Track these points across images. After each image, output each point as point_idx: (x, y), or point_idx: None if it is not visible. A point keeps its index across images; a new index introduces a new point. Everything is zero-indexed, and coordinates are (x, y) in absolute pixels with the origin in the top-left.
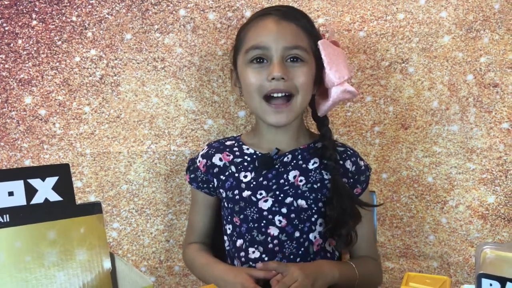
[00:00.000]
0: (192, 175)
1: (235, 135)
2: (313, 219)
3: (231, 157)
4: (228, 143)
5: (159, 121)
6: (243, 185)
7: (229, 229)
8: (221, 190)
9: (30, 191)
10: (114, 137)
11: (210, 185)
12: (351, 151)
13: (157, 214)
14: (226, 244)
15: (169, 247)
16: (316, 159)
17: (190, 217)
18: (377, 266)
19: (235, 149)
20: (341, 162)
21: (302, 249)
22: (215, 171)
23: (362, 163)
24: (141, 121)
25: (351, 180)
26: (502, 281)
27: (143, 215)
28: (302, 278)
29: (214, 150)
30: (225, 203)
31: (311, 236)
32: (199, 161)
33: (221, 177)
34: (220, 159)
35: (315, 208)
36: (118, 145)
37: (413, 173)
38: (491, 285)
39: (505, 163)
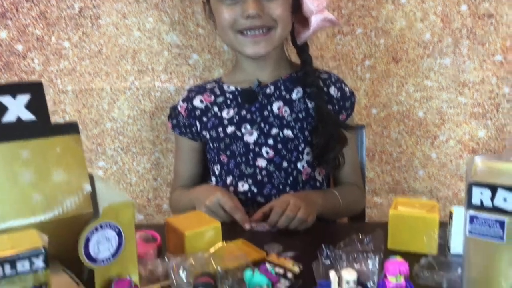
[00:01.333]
0: (174, 121)
1: (215, 78)
2: (300, 148)
3: (212, 98)
4: (208, 86)
5: (142, 56)
6: (225, 122)
7: (217, 169)
8: (204, 132)
9: (0, 109)
10: (96, 73)
11: (193, 129)
12: (336, 77)
13: (143, 152)
14: (214, 184)
15: (156, 185)
16: (299, 88)
17: (175, 165)
18: (360, 193)
19: (216, 90)
20: (325, 89)
21: (291, 178)
22: (197, 113)
23: (347, 89)
24: (123, 56)
25: (336, 107)
26: (493, 188)
27: (129, 154)
28: (294, 200)
29: (194, 93)
30: (211, 145)
31: (299, 165)
32: (180, 106)
33: (204, 119)
34: (201, 101)
35: (302, 138)
36: (100, 82)
37: (403, 108)
38: (482, 193)
39: (497, 96)
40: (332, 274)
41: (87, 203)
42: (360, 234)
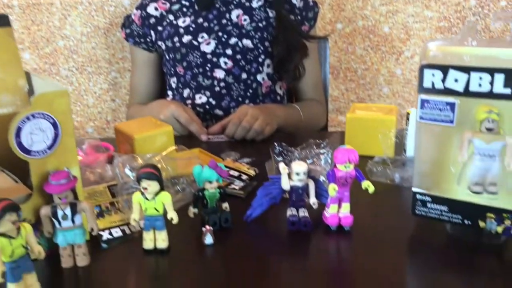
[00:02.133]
0: (128, 30)
1: None
2: (260, 59)
3: (168, 5)
4: None
5: None
6: (181, 31)
7: (174, 82)
8: (160, 43)
9: None
10: None
11: (148, 39)
12: None
13: (99, 72)
14: (171, 99)
15: (115, 106)
16: None
17: (131, 80)
18: (322, 109)
19: None
20: None
21: (251, 91)
22: (151, 22)
23: None
24: None
25: (299, 17)
26: (444, 69)
27: (85, 73)
28: (252, 111)
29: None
30: (167, 56)
31: (259, 77)
32: (133, 14)
33: (159, 28)
34: (156, 8)
35: (262, 48)
36: None
37: (369, 23)
38: (433, 75)
39: (463, 9)
40: (282, 166)
41: (24, 100)
42: (317, 140)
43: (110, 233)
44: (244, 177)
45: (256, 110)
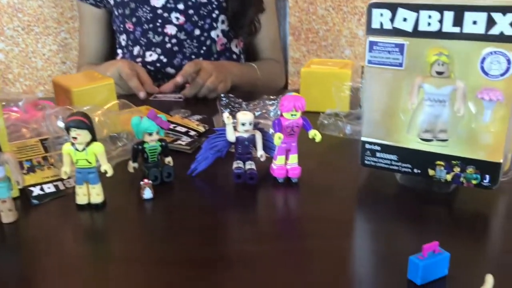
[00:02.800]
0: None
1: None
2: (214, 15)
3: None
4: None
5: None
6: None
7: (124, 39)
8: None
9: None
10: None
11: None
12: None
13: (47, 32)
14: (121, 58)
15: (66, 69)
16: None
17: (80, 39)
18: (280, 69)
19: None
20: None
21: (204, 48)
22: None
23: None
24: None
25: None
26: (393, 8)
27: (32, 34)
28: (206, 65)
29: None
30: (115, 11)
31: (213, 34)
32: None
33: None
34: None
35: (216, 3)
36: None
37: None
38: (381, 15)
39: None
40: (226, 115)
41: None
42: (270, 96)
43: (42, 189)
44: (192, 133)
45: (210, 66)
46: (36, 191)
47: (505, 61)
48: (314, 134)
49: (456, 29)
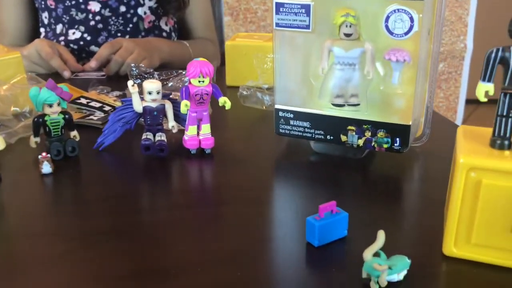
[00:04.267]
0: None
1: None
2: None
3: None
4: None
5: None
6: None
7: (46, 17)
8: None
9: None
10: None
11: None
12: None
13: None
14: (43, 36)
15: None
16: None
17: None
18: (215, 49)
19: None
20: None
21: (131, 25)
22: None
23: None
24: None
25: None
26: None
27: None
28: (127, 43)
29: None
30: None
31: (139, 11)
32: None
33: None
34: None
35: None
36: None
37: None
38: None
39: None
40: (130, 83)
41: None
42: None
43: None
44: (107, 108)
45: (131, 43)
46: None
47: (408, 19)
48: (224, 101)
49: None
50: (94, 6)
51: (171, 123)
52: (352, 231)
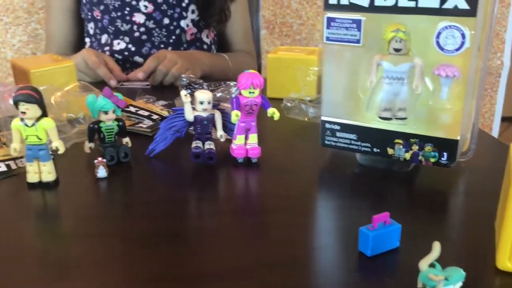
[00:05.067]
0: None
1: None
2: (183, 4)
3: None
4: None
5: None
6: None
7: (91, 28)
8: None
9: None
10: None
11: None
12: None
13: (17, 22)
14: (89, 46)
15: None
16: None
17: (46, 28)
18: (252, 61)
19: None
20: None
21: (173, 37)
22: None
23: None
24: None
25: None
26: None
27: (1, 24)
28: (171, 55)
29: None
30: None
31: (182, 23)
32: None
33: None
34: None
35: None
36: None
37: None
38: None
39: None
40: (183, 92)
41: None
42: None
43: None
44: (154, 117)
45: (175, 54)
46: None
47: (459, 36)
48: (273, 112)
49: (412, 3)
50: (139, 18)
51: (220, 132)
52: (403, 242)
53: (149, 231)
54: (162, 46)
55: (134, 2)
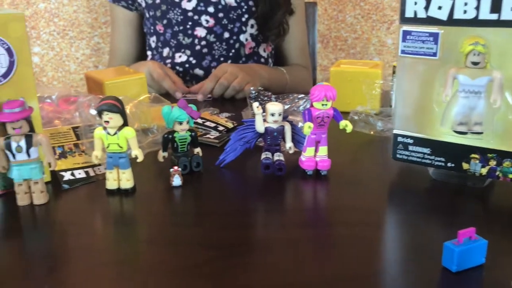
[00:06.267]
0: None
1: None
2: (243, 19)
3: None
4: None
5: None
6: None
7: (153, 41)
8: (140, 0)
9: None
10: None
11: None
12: None
13: (81, 37)
14: (150, 59)
15: None
16: None
17: (111, 42)
18: (308, 75)
19: None
20: None
21: (233, 51)
22: None
23: None
24: None
25: None
26: None
27: (66, 38)
28: (232, 68)
29: None
30: (146, 14)
31: (242, 37)
32: None
33: None
34: None
35: (245, 7)
36: None
37: None
38: (416, 3)
39: None
40: (255, 105)
41: None
42: (303, 95)
43: (73, 174)
44: (220, 128)
45: (236, 68)
46: (67, 176)
47: None
48: (345, 124)
49: (494, 16)
50: (201, 32)
51: (289, 144)
52: (489, 259)
53: (223, 240)
54: (222, 59)
55: (196, 17)
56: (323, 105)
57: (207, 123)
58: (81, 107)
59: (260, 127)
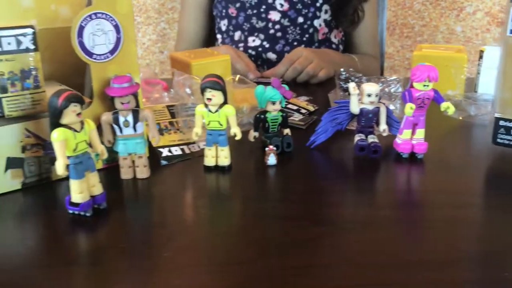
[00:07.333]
0: None
1: None
2: (317, 4)
3: None
4: None
5: None
6: None
7: (224, 24)
8: None
9: None
10: None
11: None
12: None
13: (148, 22)
14: (221, 43)
15: (163, 58)
16: None
17: (179, 25)
18: (377, 64)
19: None
20: None
21: (307, 35)
22: None
23: None
24: None
25: None
26: None
27: (134, 24)
28: (307, 53)
29: None
30: None
31: (315, 22)
32: None
33: None
34: None
35: None
36: None
37: None
38: None
39: None
40: (352, 85)
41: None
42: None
43: (170, 151)
44: (303, 111)
45: (311, 53)
46: (165, 152)
47: None
48: (447, 106)
49: None
50: (275, 16)
51: (383, 127)
52: None
53: (308, 214)
54: (295, 44)
55: (270, 0)
56: (424, 86)
57: (290, 106)
58: (177, 86)
59: (355, 108)
